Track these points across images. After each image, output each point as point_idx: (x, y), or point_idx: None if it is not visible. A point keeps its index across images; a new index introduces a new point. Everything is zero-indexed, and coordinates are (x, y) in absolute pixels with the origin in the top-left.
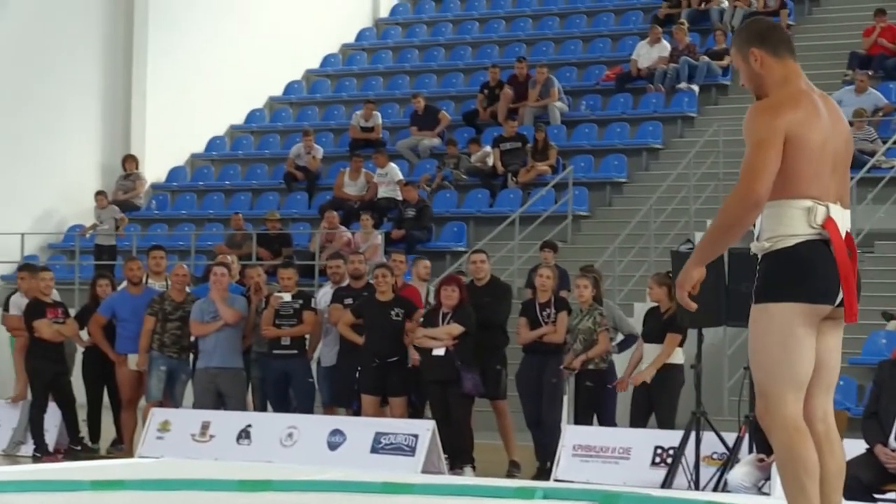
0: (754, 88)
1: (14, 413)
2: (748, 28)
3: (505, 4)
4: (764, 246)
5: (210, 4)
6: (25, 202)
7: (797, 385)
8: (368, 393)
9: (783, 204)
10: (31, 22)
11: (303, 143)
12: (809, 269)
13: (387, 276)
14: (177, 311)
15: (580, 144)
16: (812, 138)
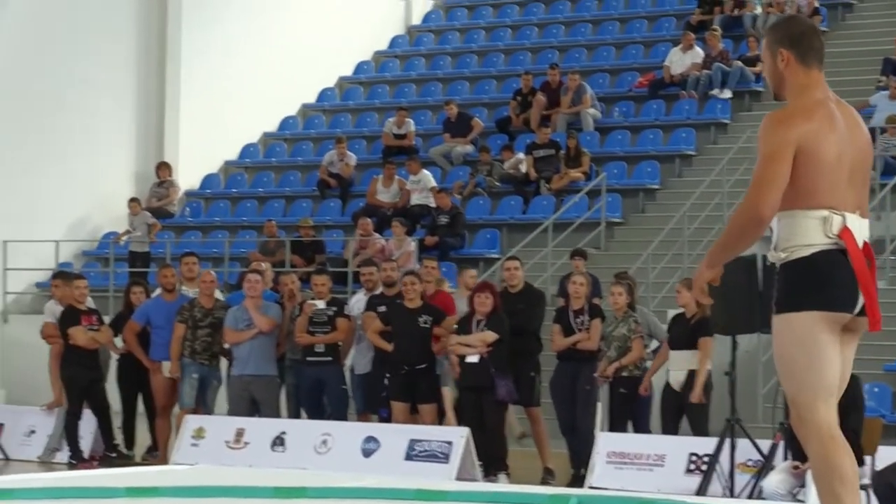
0: (773, 86)
1: (49, 420)
2: (785, 26)
3: (537, 11)
4: (780, 256)
5: (243, 12)
6: (60, 210)
7: (827, 392)
8: (398, 400)
9: (799, 214)
10: (64, 30)
11: (336, 150)
12: (827, 278)
13: (415, 284)
14: (206, 317)
15: (613, 151)
16: (826, 149)
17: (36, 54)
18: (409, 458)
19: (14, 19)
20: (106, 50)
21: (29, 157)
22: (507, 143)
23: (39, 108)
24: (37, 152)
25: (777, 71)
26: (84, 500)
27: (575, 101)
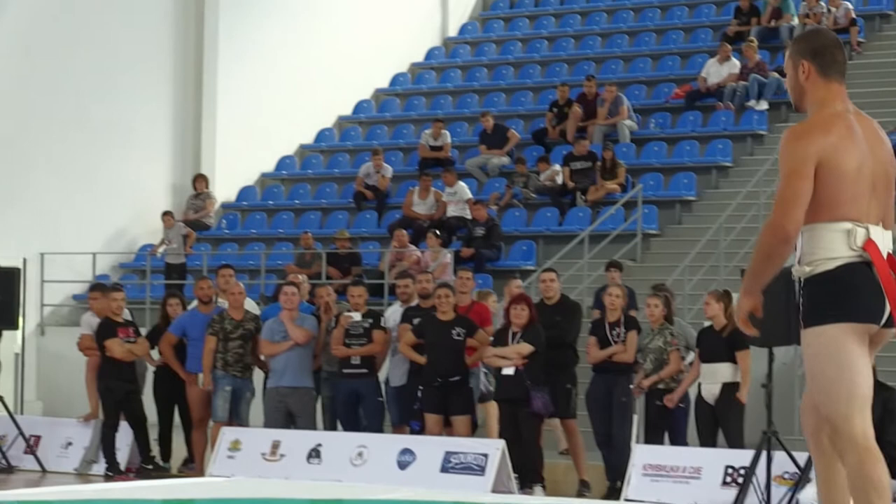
0: (794, 98)
1: (86, 432)
2: (808, 38)
3: (574, 23)
4: (805, 270)
5: (280, 25)
6: (97, 222)
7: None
8: (431, 412)
9: (822, 227)
10: (102, 43)
11: (372, 162)
12: (852, 291)
13: (448, 296)
14: (237, 329)
15: (649, 162)
16: (846, 162)
17: (73, 67)
18: (444, 471)
19: (51, 32)
20: (143, 62)
21: (66, 169)
22: (543, 155)
23: (76, 120)
24: (73, 165)
25: (798, 83)
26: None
27: (611, 113)
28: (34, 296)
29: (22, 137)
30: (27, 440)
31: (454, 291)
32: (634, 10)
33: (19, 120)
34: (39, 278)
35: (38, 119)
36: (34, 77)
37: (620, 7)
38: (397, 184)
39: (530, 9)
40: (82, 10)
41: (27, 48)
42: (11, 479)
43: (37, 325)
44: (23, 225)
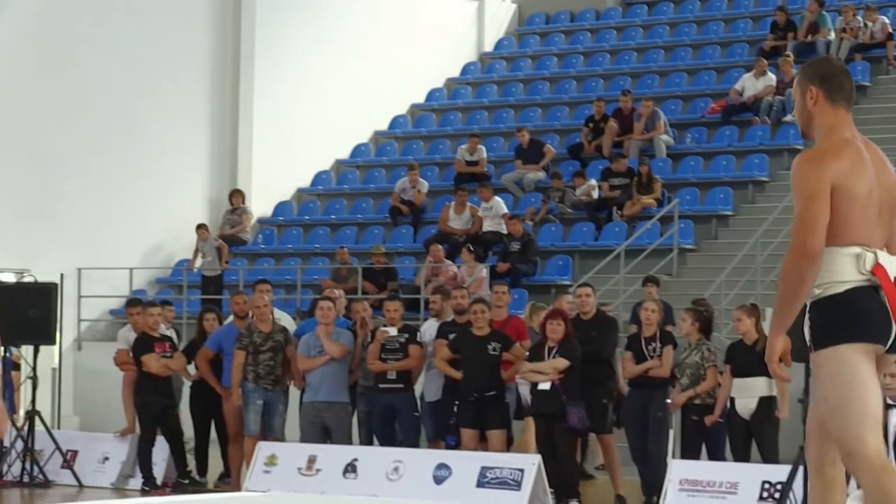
0: (802, 124)
1: (123, 447)
2: (816, 65)
3: (610, 38)
4: (814, 293)
5: (316, 40)
6: (134, 237)
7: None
8: (467, 427)
9: (832, 251)
10: (139, 60)
11: (408, 177)
12: (860, 313)
13: (484, 312)
14: (267, 341)
15: (686, 177)
16: (857, 187)
17: (110, 84)
18: (480, 486)
19: (89, 50)
20: (180, 78)
21: (103, 184)
22: (579, 170)
23: (113, 137)
24: (111, 180)
25: (806, 108)
26: None
27: (648, 128)
28: (71, 311)
29: (59, 154)
30: (64, 455)
31: (489, 307)
32: (670, 25)
33: (57, 136)
34: (76, 293)
35: (76, 135)
36: (72, 94)
37: (656, 22)
38: (433, 199)
39: (566, 24)
40: (120, 27)
41: (65, 66)
42: (49, 494)
43: (74, 340)
44: (60, 240)
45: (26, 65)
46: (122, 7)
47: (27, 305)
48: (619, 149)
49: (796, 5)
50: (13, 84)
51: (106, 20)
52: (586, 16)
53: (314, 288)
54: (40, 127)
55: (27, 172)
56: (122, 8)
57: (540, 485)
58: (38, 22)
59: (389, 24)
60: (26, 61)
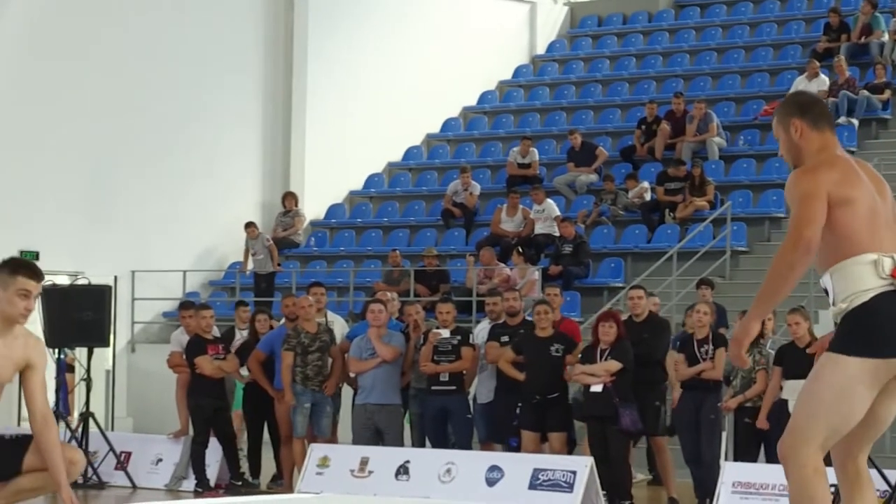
0: (792, 159)
1: (176, 449)
2: (791, 100)
3: (662, 40)
4: (842, 308)
5: (368, 44)
6: (187, 240)
7: (835, 435)
8: (528, 429)
9: (849, 263)
10: (193, 66)
11: (460, 179)
12: (885, 323)
13: (548, 313)
14: (314, 342)
15: (738, 179)
16: (856, 196)
17: (164, 89)
18: (532, 488)
19: (144, 57)
20: (233, 84)
21: (157, 188)
22: (631, 172)
23: (167, 140)
24: (164, 184)
25: (793, 143)
26: None
27: (700, 130)
28: (125, 313)
29: (114, 158)
30: (118, 456)
31: (553, 308)
32: (723, 27)
33: (112, 141)
34: (130, 296)
35: (131, 141)
36: (127, 100)
37: (709, 24)
38: (485, 201)
39: (619, 26)
40: (175, 33)
41: (121, 74)
42: (102, 496)
43: (127, 342)
44: (114, 243)
45: (84, 73)
46: (177, 14)
47: (81, 308)
48: (671, 151)
49: (850, 7)
50: (71, 92)
51: (162, 28)
52: (639, 18)
53: (366, 290)
54: (96, 132)
55: (82, 176)
56: (178, 15)
57: (592, 487)
58: (95, 32)
59: (441, 27)
60: (84, 70)
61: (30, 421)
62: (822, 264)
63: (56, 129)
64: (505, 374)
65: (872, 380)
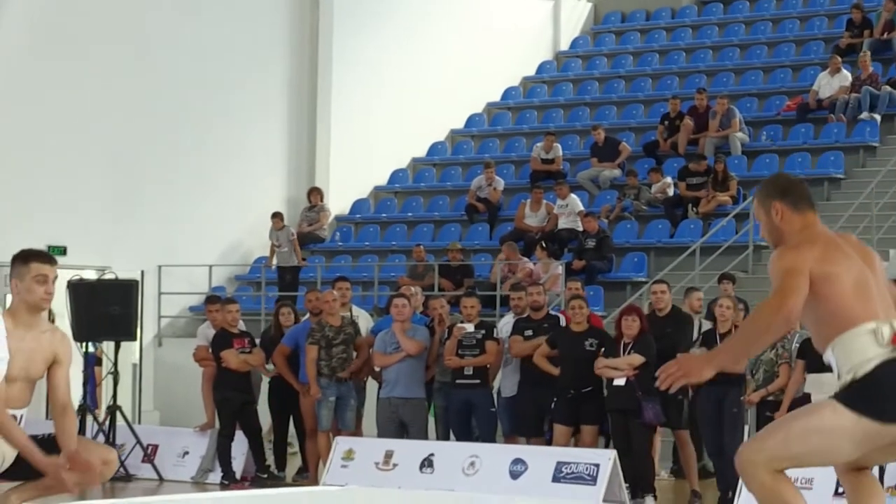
0: (773, 240)
1: (202, 441)
2: (771, 183)
3: (685, 36)
4: (847, 380)
5: (392, 41)
6: (213, 235)
7: (795, 466)
8: (562, 423)
9: (848, 335)
10: (219, 63)
11: (484, 175)
12: (889, 391)
13: (583, 308)
14: (339, 335)
15: (761, 174)
16: (839, 271)
17: (191, 86)
18: (556, 480)
19: (171, 54)
20: (259, 80)
21: (183, 183)
22: (655, 166)
23: (195, 137)
24: (190, 179)
25: (774, 225)
26: None
27: (723, 125)
28: (152, 308)
29: (141, 154)
30: (145, 449)
31: (587, 303)
32: (746, 24)
33: (140, 136)
34: (157, 290)
35: (157, 136)
36: (154, 97)
37: (732, 20)
38: (509, 196)
39: (641, 22)
40: (201, 31)
41: (147, 72)
42: (130, 488)
43: (154, 336)
44: (141, 238)
45: (111, 71)
46: (206, 14)
47: (109, 302)
48: (694, 146)
49: (872, 3)
50: (99, 89)
51: (188, 24)
52: (662, 14)
53: (391, 285)
54: (123, 130)
55: (109, 173)
56: (207, 15)
57: (615, 480)
58: (122, 30)
59: (465, 23)
60: (110, 68)
61: (51, 410)
62: (822, 341)
63: (84, 127)
64: (533, 367)
65: (863, 439)
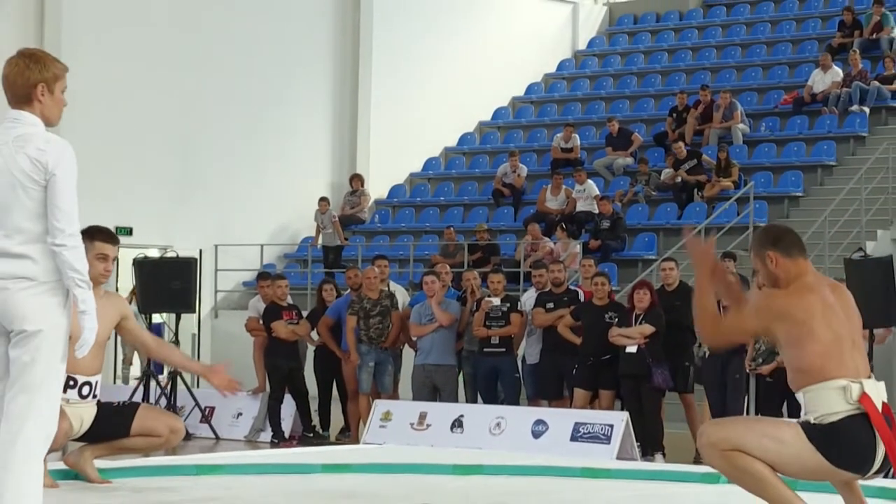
0: (770, 285)
1: (254, 404)
2: (765, 233)
3: (692, 36)
4: (810, 421)
5: (426, 41)
6: (264, 217)
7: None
8: (581, 387)
9: (819, 388)
10: (270, 57)
11: (509, 162)
12: (846, 443)
13: (605, 284)
14: (375, 307)
15: (760, 162)
16: (821, 328)
17: (244, 78)
18: (573, 440)
19: (225, 47)
20: (306, 75)
21: (237, 170)
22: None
23: (248, 127)
24: (244, 166)
25: (770, 272)
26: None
27: (726, 117)
28: (209, 283)
29: (199, 142)
30: (203, 411)
31: (609, 279)
32: (747, 25)
33: (198, 126)
34: (214, 267)
35: (214, 125)
36: (211, 87)
37: (734, 22)
38: (532, 182)
39: (652, 24)
40: (253, 27)
41: (204, 64)
42: (189, 446)
43: (211, 308)
44: (200, 220)
45: (174, 65)
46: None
47: (170, 278)
48: (699, 136)
49: (862, 5)
50: (164, 83)
51: (240, 18)
52: (671, 16)
53: (425, 262)
54: (183, 120)
55: (172, 159)
56: (257, 10)
57: (628, 439)
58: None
59: (493, 25)
60: (174, 62)
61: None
62: (795, 385)
63: (150, 118)
64: (554, 336)
65: (814, 470)
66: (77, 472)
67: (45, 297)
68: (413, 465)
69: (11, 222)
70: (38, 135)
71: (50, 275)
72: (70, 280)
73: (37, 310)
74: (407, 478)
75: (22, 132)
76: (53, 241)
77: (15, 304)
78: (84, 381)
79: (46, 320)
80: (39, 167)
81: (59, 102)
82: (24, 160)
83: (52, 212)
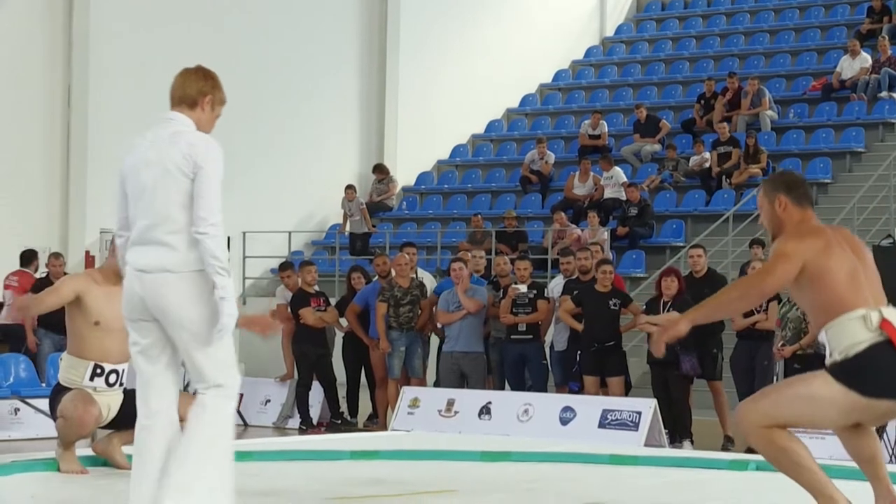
0: (771, 229)
1: (283, 391)
2: (780, 176)
3: (720, 22)
4: (838, 359)
5: (454, 29)
6: (292, 204)
7: (789, 426)
8: (589, 374)
9: (840, 320)
10: (301, 49)
11: (536, 149)
12: (875, 369)
13: (610, 271)
14: (406, 295)
15: (789, 149)
16: (834, 265)
17: (278, 72)
18: (601, 426)
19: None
20: (335, 65)
21: (266, 158)
22: (698, 139)
23: (278, 118)
24: (273, 154)
25: (775, 215)
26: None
27: (754, 104)
28: (237, 270)
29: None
30: None
31: (614, 266)
32: (775, 11)
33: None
34: (242, 254)
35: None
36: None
37: (762, 8)
38: (559, 169)
39: (680, 10)
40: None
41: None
42: None
43: (239, 295)
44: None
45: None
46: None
47: None
48: (727, 123)
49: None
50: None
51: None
52: (698, 3)
53: (452, 249)
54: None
55: None
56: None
57: (656, 426)
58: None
59: (521, 12)
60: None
61: None
62: (817, 325)
63: None
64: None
65: (850, 411)
66: (106, 458)
67: (188, 287)
68: (441, 451)
69: (160, 211)
70: (190, 133)
71: (192, 264)
72: (210, 267)
73: (182, 300)
74: (435, 464)
75: (176, 129)
76: (197, 230)
77: (160, 295)
78: (111, 369)
79: (191, 310)
80: (189, 160)
81: (213, 119)
82: (176, 153)
83: (198, 202)
